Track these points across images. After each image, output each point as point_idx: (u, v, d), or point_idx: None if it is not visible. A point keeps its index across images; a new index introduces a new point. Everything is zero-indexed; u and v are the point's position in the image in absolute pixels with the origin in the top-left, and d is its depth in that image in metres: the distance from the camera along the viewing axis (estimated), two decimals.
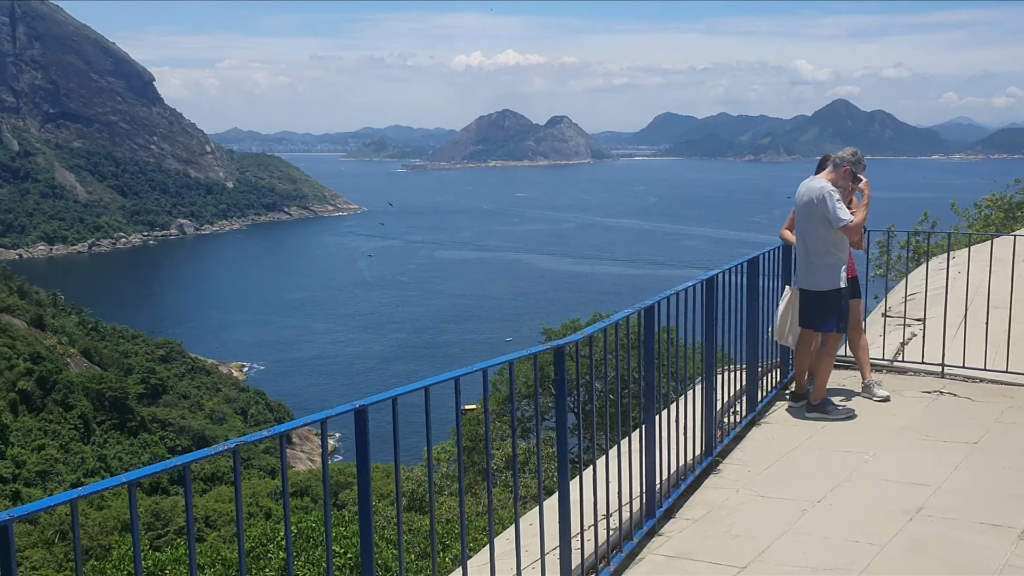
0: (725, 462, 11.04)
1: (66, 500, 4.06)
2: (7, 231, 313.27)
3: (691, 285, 9.96)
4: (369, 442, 5.90)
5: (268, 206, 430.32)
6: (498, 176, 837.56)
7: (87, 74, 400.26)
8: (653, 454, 9.12)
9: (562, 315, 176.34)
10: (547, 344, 7.52)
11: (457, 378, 6.62)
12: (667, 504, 9.46)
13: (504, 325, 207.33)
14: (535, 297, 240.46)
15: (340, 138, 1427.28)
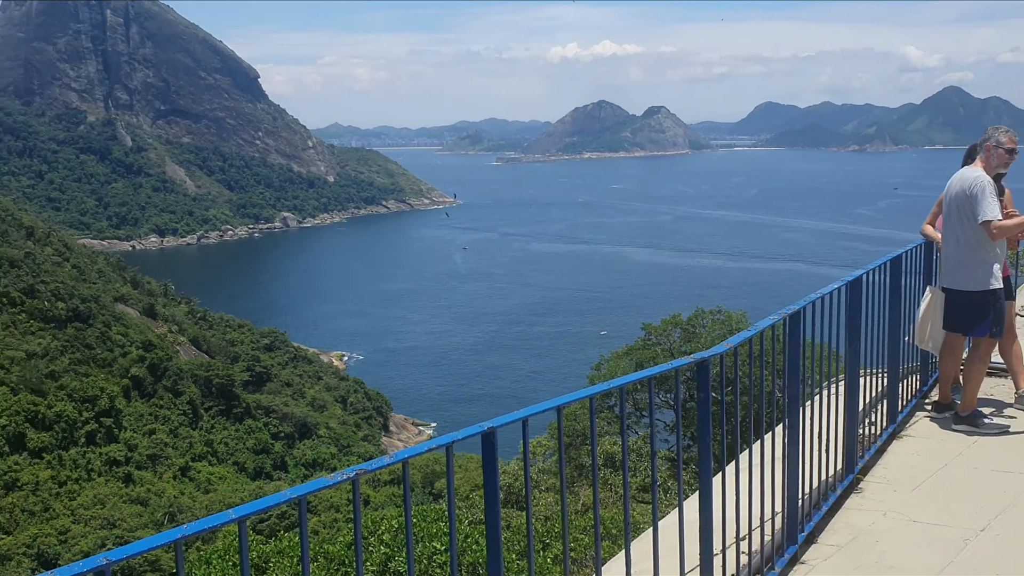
0: (867, 480, 10.08)
1: (170, 541, 3.82)
2: (121, 223, 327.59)
3: (835, 288, 8.99)
4: (498, 467, 5.27)
5: (367, 200, 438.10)
6: (593, 168, 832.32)
7: (196, 72, 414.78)
8: (796, 473, 8.27)
9: (660, 309, 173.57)
10: (690, 357, 6.75)
11: (592, 396, 5.91)
12: (809, 528, 8.61)
13: (598, 319, 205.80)
14: (630, 290, 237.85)
15: (436, 132, 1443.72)
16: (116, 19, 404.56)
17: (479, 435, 5.16)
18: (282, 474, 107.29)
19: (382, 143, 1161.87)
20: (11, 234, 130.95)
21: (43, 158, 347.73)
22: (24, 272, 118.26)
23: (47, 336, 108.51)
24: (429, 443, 5.01)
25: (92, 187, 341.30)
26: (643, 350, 48.23)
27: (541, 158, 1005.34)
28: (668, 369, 6.71)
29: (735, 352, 7.23)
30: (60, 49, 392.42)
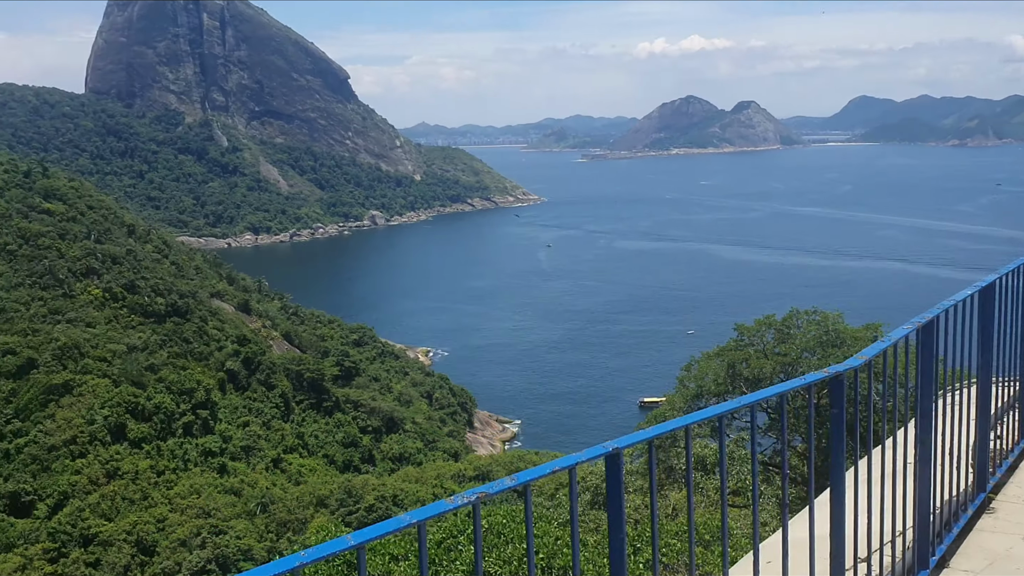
0: (999, 499, 9.35)
1: (287, 569, 3.71)
2: (217, 222, 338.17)
3: (968, 295, 8.30)
4: (623, 490, 4.90)
5: (452, 197, 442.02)
6: (681, 164, 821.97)
7: (288, 73, 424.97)
8: (927, 491, 7.65)
9: (750, 308, 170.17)
10: (824, 372, 6.23)
11: (722, 415, 5.47)
12: (940, 551, 7.97)
13: (685, 317, 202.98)
14: (718, 289, 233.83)
15: (521, 130, 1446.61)
16: (212, 22, 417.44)
17: (603, 456, 4.81)
18: (370, 467, 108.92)
19: (468, 141, 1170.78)
20: (114, 232, 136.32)
21: (143, 158, 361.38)
22: (126, 268, 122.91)
23: (147, 330, 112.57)
24: (552, 464, 4.67)
25: (190, 186, 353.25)
26: (735, 351, 46.97)
27: (627, 154, 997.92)
28: (801, 385, 6.23)
29: (869, 364, 6.70)
30: (159, 53, 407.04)
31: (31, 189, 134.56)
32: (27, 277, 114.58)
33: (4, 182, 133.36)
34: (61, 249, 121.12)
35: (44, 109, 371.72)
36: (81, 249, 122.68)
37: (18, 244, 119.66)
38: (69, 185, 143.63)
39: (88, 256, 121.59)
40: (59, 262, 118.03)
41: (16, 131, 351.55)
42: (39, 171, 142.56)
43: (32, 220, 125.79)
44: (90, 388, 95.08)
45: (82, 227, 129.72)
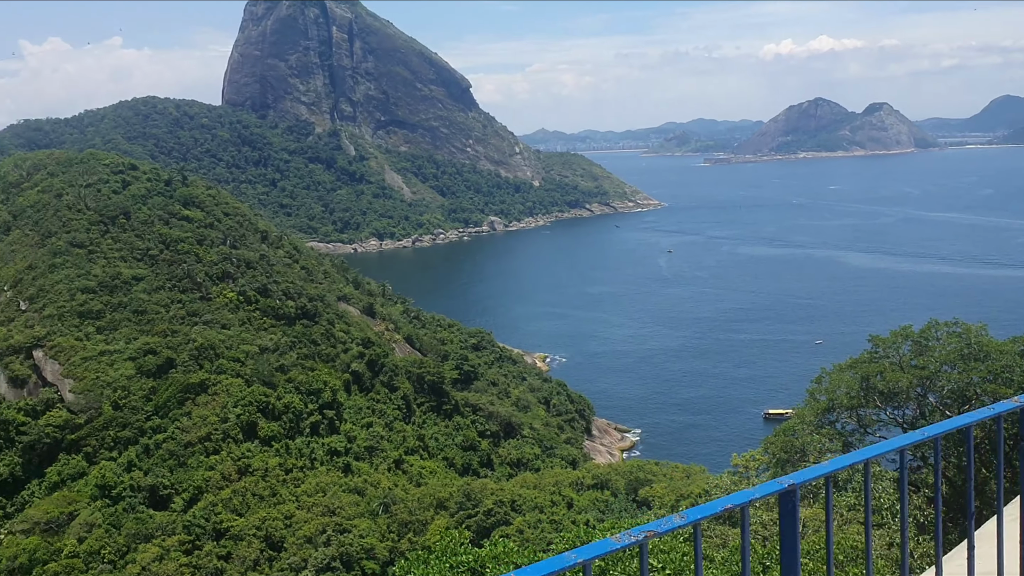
0: None
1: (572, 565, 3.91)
2: (345, 228, 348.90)
3: None
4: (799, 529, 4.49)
5: (571, 203, 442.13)
6: (808, 168, 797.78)
7: (413, 84, 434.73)
8: None
9: (882, 318, 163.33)
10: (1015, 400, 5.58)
11: (903, 448, 4.97)
12: None
13: (812, 327, 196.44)
14: (848, 297, 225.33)
15: (642, 134, 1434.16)
16: (341, 35, 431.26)
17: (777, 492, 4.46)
18: (488, 471, 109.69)
19: (587, 147, 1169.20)
20: (248, 238, 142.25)
21: (276, 167, 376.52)
22: (259, 273, 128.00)
23: (278, 332, 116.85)
24: (724, 501, 4.40)
25: (319, 194, 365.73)
26: (869, 363, 44.88)
27: (752, 158, 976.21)
28: (989, 416, 5.62)
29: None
30: (291, 65, 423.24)
31: (172, 197, 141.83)
32: (167, 280, 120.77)
33: (147, 190, 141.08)
34: (199, 254, 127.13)
35: (184, 120, 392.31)
36: (218, 254, 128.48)
37: (159, 249, 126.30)
38: (207, 193, 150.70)
39: (224, 261, 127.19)
40: (197, 266, 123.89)
41: (158, 142, 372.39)
42: (179, 180, 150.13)
43: (172, 226, 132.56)
44: (224, 387, 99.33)
45: (219, 233, 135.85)
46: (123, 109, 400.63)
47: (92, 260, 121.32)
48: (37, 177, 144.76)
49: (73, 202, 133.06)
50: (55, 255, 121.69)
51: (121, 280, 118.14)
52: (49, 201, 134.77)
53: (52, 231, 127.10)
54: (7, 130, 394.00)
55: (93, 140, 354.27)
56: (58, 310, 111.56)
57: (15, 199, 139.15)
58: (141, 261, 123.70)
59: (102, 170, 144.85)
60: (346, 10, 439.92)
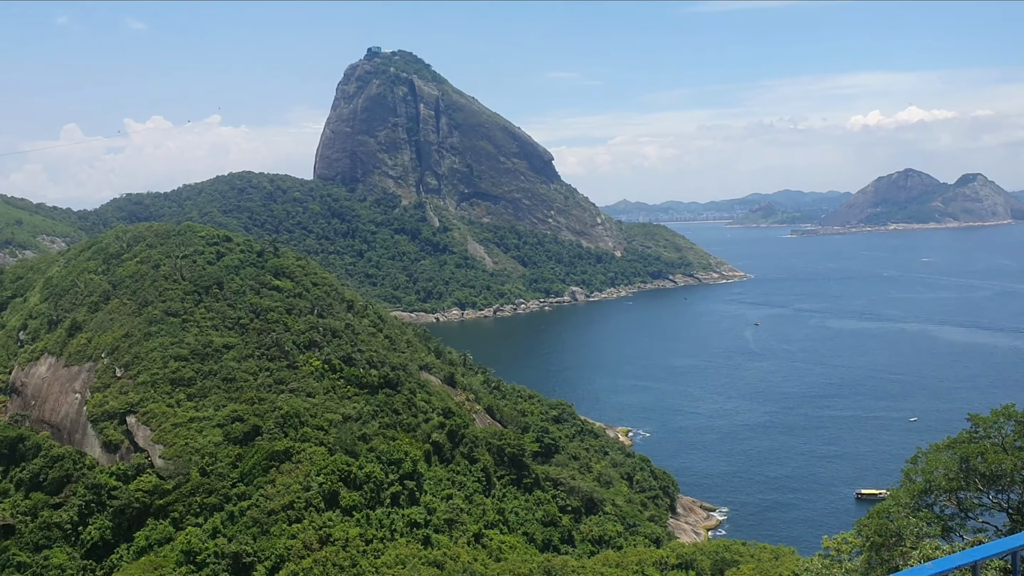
0: None
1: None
2: (428, 297, 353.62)
3: None
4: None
5: (653, 274, 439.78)
6: (899, 240, 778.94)
7: (496, 157, 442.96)
8: None
9: (983, 397, 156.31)
10: None
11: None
12: None
13: (905, 403, 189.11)
14: (943, 373, 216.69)
15: (726, 205, 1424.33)
16: (428, 112, 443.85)
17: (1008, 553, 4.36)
18: (569, 548, 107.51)
19: (670, 218, 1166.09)
20: (335, 307, 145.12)
21: (363, 238, 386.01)
22: (344, 341, 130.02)
23: (361, 400, 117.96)
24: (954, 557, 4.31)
25: (403, 264, 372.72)
26: (969, 443, 42.68)
27: (841, 230, 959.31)
28: None
29: None
30: (380, 141, 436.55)
31: (263, 267, 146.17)
32: (256, 349, 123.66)
33: (240, 261, 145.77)
34: (287, 323, 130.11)
35: (277, 194, 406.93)
36: (305, 323, 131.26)
37: (250, 318, 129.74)
38: (297, 264, 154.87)
39: (311, 330, 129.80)
40: (285, 335, 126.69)
41: (252, 214, 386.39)
42: (271, 251, 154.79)
43: (263, 296, 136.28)
44: (308, 456, 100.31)
45: (307, 302, 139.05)
46: (220, 183, 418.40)
47: (185, 329, 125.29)
48: (137, 248, 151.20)
49: (169, 272, 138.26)
50: (151, 324, 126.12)
51: (212, 348, 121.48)
52: (147, 271, 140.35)
53: (149, 300, 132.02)
54: (110, 204, 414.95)
55: (190, 213, 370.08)
56: (151, 377, 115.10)
57: (115, 269, 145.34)
58: (232, 330, 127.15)
59: (198, 242, 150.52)
60: (433, 88, 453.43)
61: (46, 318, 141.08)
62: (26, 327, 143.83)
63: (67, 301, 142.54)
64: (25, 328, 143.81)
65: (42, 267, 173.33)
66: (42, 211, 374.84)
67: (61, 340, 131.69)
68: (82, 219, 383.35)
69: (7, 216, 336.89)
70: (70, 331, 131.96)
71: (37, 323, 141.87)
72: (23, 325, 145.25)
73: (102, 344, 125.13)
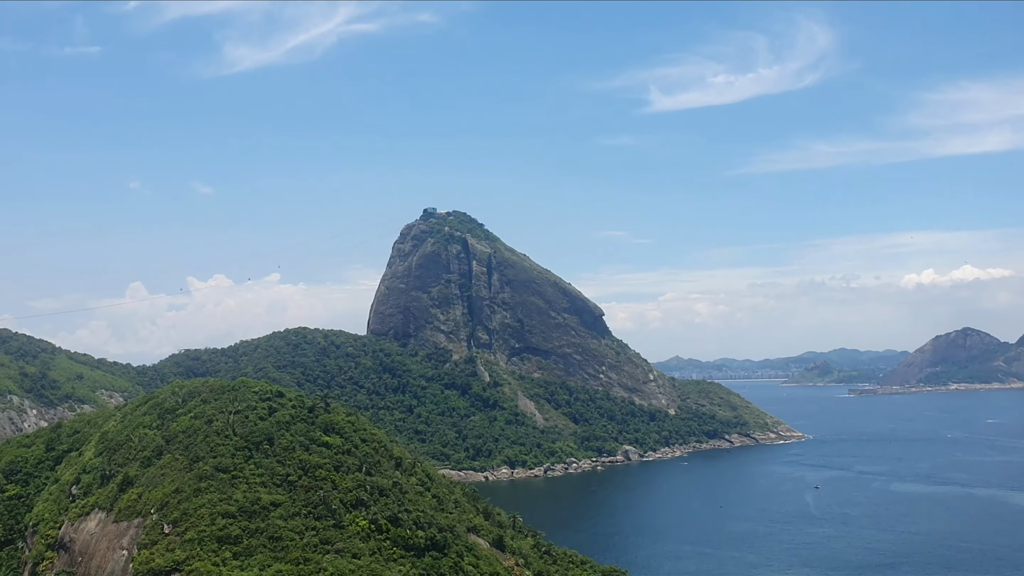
0: None
1: None
2: (477, 455, 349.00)
3: None
4: None
5: (709, 433, 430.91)
6: (961, 400, 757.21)
7: (547, 312, 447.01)
8: None
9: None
10: None
11: None
12: None
13: (977, 575, 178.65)
14: (1017, 542, 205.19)
15: (781, 363, 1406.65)
16: (480, 268, 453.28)
17: None
18: None
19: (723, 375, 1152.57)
20: (383, 464, 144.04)
21: (413, 393, 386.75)
22: (391, 500, 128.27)
23: (407, 563, 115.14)
24: None
25: (453, 420, 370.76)
26: None
27: (899, 389, 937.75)
28: None
29: None
30: (433, 297, 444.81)
31: (313, 423, 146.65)
32: (304, 507, 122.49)
33: (291, 416, 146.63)
34: (335, 480, 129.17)
35: (331, 350, 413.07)
36: (353, 481, 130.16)
37: (298, 475, 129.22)
38: (347, 419, 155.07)
39: (359, 488, 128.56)
40: (333, 493, 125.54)
41: (306, 370, 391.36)
42: (322, 406, 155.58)
43: (312, 452, 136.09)
44: None
45: (355, 459, 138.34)
46: (275, 339, 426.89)
47: (234, 485, 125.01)
48: (191, 404, 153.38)
49: (222, 428, 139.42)
50: (200, 479, 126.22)
51: (260, 505, 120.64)
52: (200, 427, 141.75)
53: (200, 456, 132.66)
54: (168, 359, 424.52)
55: (246, 368, 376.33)
56: (198, 534, 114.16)
57: (169, 424, 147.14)
58: (280, 487, 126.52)
59: (251, 397, 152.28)
60: (486, 246, 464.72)
61: (99, 473, 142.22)
62: (79, 481, 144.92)
63: (121, 456, 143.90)
64: (78, 482, 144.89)
65: (99, 421, 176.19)
66: (103, 366, 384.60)
67: (112, 495, 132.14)
68: (141, 374, 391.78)
69: (69, 371, 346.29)
70: (122, 486, 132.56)
71: (90, 477, 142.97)
72: (76, 479, 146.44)
73: (152, 500, 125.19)
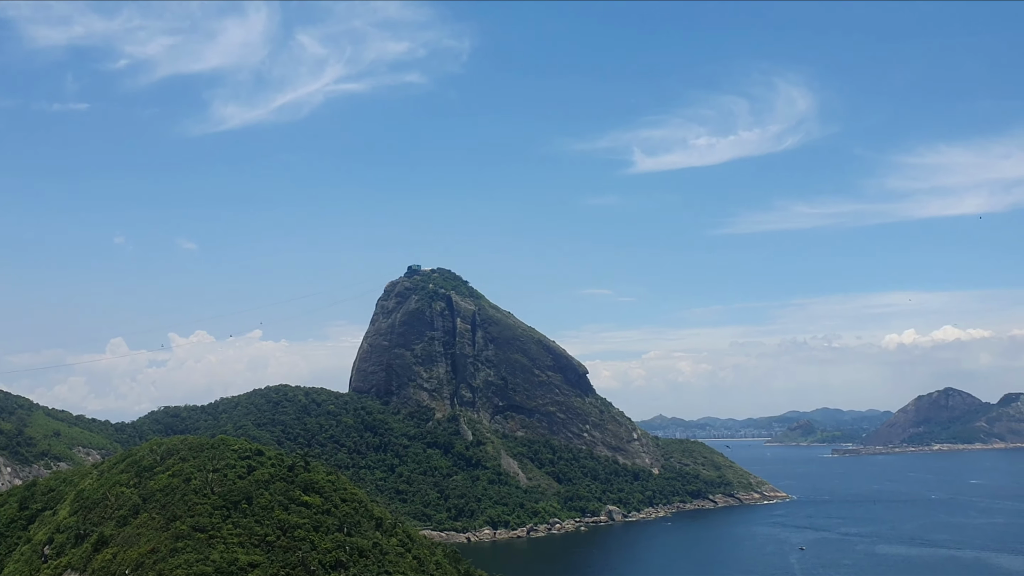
0: None
1: None
2: (459, 515, 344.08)
3: None
4: None
5: (692, 493, 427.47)
6: (944, 461, 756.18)
7: (531, 370, 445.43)
8: None
9: None
10: None
11: None
12: None
13: None
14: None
15: (764, 423, 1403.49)
16: (464, 325, 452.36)
17: None
18: None
19: (707, 434, 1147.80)
20: (363, 525, 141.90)
21: (395, 452, 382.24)
22: (371, 562, 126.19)
23: None
24: None
25: (435, 479, 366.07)
26: None
27: (883, 450, 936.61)
28: None
29: None
30: (416, 354, 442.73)
31: (293, 482, 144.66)
32: (282, 568, 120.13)
33: (270, 475, 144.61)
34: (314, 541, 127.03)
35: (312, 407, 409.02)
36: (332, 541, 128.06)
37: (276, 535, 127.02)
38: (327, 479, 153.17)
39: (337, 548, 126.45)
40: (312, 554, 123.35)
41: (286, 428, 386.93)
42: (301, 465, 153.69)
43: (291, 512, 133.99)
44: None
45: (335, 519, 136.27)
46: (256, 396, 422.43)
47: (212, 545, 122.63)
48: (170, 462, 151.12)
49: (200, 487, 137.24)
50: (177, 539, 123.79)
51: (237, 567, 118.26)
52: (178, 485, 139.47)
53: (178, 515, 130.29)
54: (147, 416, 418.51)
55: (225, 426, 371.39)
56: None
57: (147, 482, 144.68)
58: (258, 547, 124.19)
59: (230, 455, 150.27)
60: (470, 303, 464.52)
61: (73, 532, 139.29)
62: (52, 541, 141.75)
63: (96, 515, 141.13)
64: (51, 542, 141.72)
65: (75, 479, 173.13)
66: (81, 423, 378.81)
67: (86, 555, 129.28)
68: (119, 431, 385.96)
69: (46, 428, 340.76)
70: (96, 546, 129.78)
71: (63, 537, 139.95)
72: (49, 539, 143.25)
73: (128, 560, 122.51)
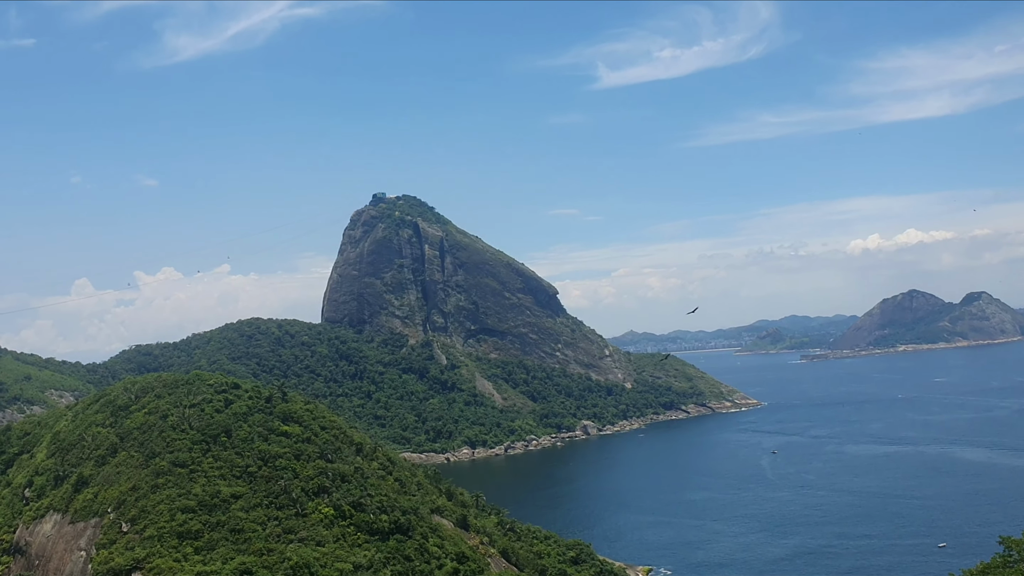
0: None
1: None
2: (437, 437, 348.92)
3: None
4: None
5: (665, 405, 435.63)
6: (910, 361, 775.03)
7: (501, 293, 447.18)
8: None
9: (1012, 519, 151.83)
10: None
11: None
12: None
13: (932, 529, 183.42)
14: (969, 496, 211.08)
15: (734, 333, 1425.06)
16: (433, 252, 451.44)
17: None
18: None
19: (678, 347, 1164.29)
20: (343, 451, 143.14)
21: (371, 379, 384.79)
22: (354, 486, 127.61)
23: (372, 548, 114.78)
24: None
25: (412, 404, 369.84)
26: (1003, 568, 41.20)
27: (850, 353, 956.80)
28: None
29: None
30: (386, 282, 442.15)
31: (271, 413, 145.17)
32: (265, 497, 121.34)
33: (248, 408, 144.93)
34: (296, 469, 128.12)
35: (286, 339, 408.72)
36: (314, 468, 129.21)
37: (258, 466, 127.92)
38: (305, 408, 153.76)
39: (320, 475, 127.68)
40: (294, 482, 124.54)
41: (261, 360, 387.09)
42: (279, 396, 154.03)
43: (271, 443, 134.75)
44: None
45: (315, 447, 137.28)
46: (228, 331, 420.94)
47: (193, 479, 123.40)
48: (145, 399, 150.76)
49: (177, 422, 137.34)
50: (157, 475, 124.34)
51: (220, 499, 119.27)
52: (155, 422, 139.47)
53: (156, 452, 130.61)
54: (119, 356, 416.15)
55: (199, 362, 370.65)
56: (158, 531, 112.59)
57: (123, 421, 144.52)
58: (240, 479, 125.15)
59: (206, 390, 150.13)
60: (437, 229, 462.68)
61: (52, 474, 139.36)
62: (31, 484, 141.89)
63: (74, 456, 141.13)
64: (31, 485, 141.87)
65: (50, 422, 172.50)
66: (51, 366, 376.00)
67: (67, 496, 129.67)
68: (91, 372, 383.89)
69: (16, 372, 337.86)
70: (76, 486, 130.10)
71: (43, 479, 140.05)
72: (28, 482, 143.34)
73: (108, 498, 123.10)
